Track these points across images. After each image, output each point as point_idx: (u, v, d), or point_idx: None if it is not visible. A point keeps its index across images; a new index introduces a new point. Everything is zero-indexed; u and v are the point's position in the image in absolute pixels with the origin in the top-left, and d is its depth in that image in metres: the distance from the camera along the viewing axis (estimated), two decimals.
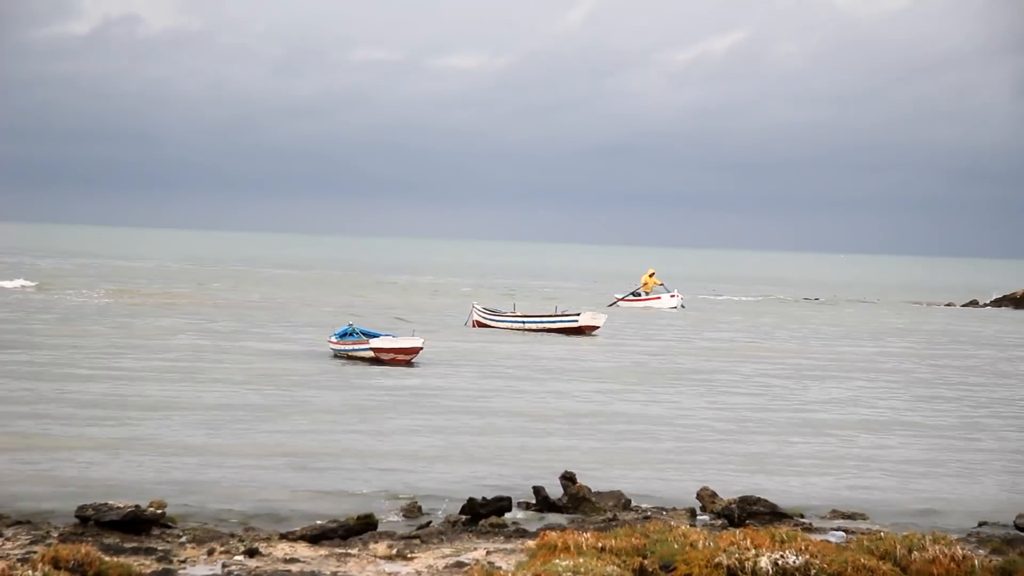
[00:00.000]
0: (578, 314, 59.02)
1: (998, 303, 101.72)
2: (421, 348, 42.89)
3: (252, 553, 16.78)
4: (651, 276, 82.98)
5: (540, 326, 58.43)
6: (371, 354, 42.81)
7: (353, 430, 28.61)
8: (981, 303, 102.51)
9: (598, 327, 58.23)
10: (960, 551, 16.06)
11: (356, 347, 43.32)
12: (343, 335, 44.32)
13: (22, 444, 25.18)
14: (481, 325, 59.09)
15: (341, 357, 43.31)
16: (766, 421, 32.43)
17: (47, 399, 31.11)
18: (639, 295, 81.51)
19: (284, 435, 27.58)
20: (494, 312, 60.37)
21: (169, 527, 18.38)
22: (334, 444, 26.78)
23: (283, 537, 17.99)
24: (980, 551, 18.03)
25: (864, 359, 50.47)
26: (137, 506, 18.04)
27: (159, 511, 18.22)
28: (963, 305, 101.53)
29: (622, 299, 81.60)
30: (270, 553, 16.96)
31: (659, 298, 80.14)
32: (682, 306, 79.45)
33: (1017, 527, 20.15)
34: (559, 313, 59.66)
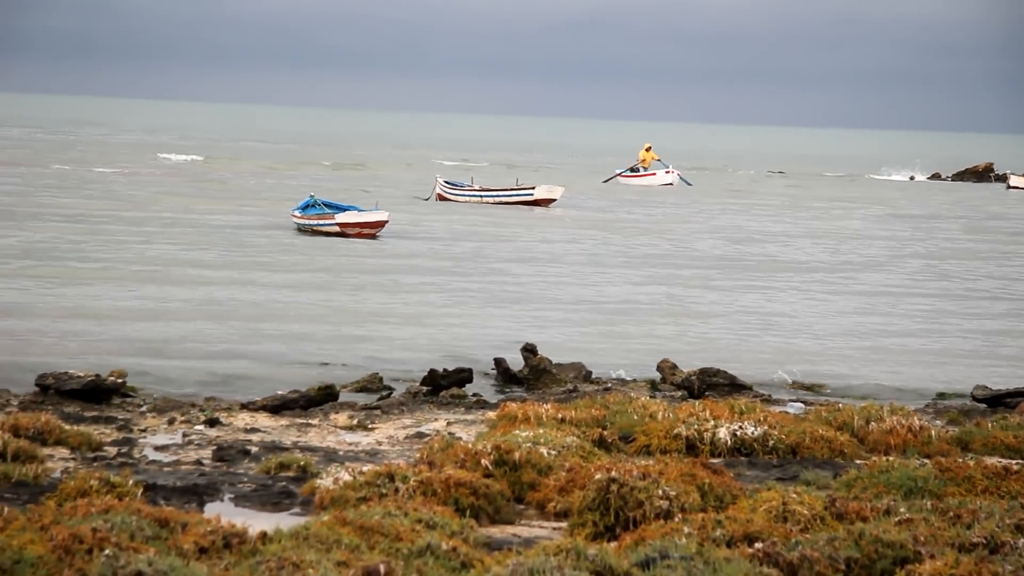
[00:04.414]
0: (534, 187, 59.47)
1: (960, 176, 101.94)
2: (386, 222, 42.71)
3: (213, 423, 16.81)
4: (648, 151, 79.33)
5: (497, 200, 58.78)
6: (336, 229, 42.52)
7: (315, 302, 28.60)
8: (943, 176, 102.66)
9: (555, 199, 58.70)
10: (917, 421, 16.24)
11: (321, 222, 42.84)
12: (305, 207, 43.94)
13: None
14: (443, 199, 59.18)
15: (305, 232, 42.93)
16: (722, 294, 32.56)
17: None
18: (637, 171, 78.80)
19: (245, 306, 27.55)
20: (455, 185, 60.49)
21: (130, 396, 18.38)
22: (296, 316, 26.78)
23: (244, 407, 18.02)
24: (937, 422, 18.20)
25: (822, 233, 50.59)
26: (97, 375, 18.02)
27: (119, 380, 18.20)
28: (928, 178, 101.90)
29: (620, 175, 79.14)
30: (231, 423, 16.99)
31: (655, 174, 77.47)
32: (684, 181, 77.04)
33: (974, 398, 20.33)
34: (516, 187, 60.04)
